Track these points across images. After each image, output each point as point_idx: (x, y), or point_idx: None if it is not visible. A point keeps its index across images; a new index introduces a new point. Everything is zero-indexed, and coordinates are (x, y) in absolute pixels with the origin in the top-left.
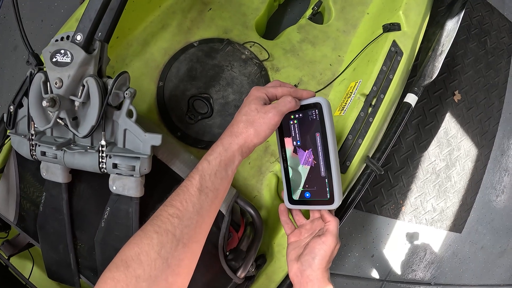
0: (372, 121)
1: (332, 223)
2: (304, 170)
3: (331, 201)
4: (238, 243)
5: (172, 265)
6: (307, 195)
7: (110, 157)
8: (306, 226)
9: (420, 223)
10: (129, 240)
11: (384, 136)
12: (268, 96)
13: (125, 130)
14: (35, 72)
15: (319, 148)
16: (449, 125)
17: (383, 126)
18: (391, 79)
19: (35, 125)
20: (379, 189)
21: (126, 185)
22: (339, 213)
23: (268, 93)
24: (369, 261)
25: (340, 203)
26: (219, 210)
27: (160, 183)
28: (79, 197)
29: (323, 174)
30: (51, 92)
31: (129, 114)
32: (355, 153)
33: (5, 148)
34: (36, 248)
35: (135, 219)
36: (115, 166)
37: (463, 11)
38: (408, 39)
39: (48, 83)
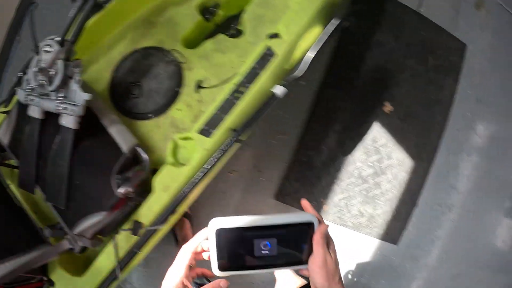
0: (236, 102)
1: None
2: None
3: None
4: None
5: None
6: None
7: (63, 103)
8: None
9: (345, 225)
10: None
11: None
12: None
13: (74, 90)
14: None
15: None
16: (378, 134)
17: (251, 110)
18: (258, 73)
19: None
20: (299, 186)
21: (69, 121)
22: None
23: None
24: None
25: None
26: (120, 148)
27: (91, 127)
28: (45, 131)
29: None
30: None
31: (78, 81)
32: (218, 124)
33: (13, 100)
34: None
35: (69, 145)
36: (65, 108)
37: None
38: (284, 44)
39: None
